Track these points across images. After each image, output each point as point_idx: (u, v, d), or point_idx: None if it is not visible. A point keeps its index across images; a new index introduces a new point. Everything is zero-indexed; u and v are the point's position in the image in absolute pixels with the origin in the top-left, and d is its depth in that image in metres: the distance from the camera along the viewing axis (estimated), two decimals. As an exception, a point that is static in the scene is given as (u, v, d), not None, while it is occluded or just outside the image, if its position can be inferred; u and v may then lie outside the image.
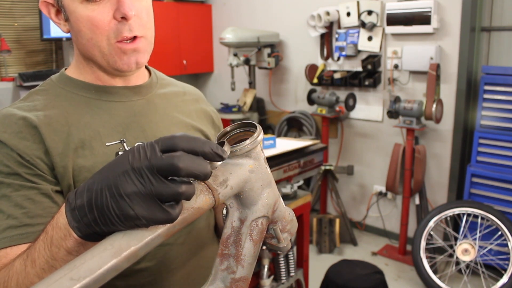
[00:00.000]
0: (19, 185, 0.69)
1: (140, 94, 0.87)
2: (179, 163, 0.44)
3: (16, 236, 0.66)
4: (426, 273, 2.83)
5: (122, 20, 0.74)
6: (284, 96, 4.17)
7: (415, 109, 2.96)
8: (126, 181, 0.45)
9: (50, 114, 0.76)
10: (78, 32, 0.76)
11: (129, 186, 0.45)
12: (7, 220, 0.67)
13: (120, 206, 0.45)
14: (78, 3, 0.73)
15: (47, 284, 0.41)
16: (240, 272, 0.56)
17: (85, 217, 0.48)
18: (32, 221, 0.68)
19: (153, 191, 0.44)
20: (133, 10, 0.74)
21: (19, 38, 4.06)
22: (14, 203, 0.68)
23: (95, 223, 0.47)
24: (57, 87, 0.82)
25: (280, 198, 0.61)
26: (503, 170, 2.82)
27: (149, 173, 0.44)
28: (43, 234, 0.55)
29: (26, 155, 0.71)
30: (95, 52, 0.77)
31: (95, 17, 0.73)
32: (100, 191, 0.46)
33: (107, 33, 0.75)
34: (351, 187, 3.83)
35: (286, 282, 2.19)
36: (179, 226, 0.48)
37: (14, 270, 0.58)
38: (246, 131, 0.57)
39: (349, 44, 3.48)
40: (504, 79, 2.77)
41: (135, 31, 0.76)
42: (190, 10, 4.47)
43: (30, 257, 0.56)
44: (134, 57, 0.78)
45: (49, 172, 0.73)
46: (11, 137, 0.71)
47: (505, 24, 2.95)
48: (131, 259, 0.45)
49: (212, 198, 0.50)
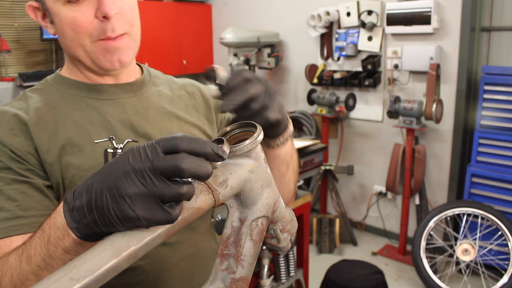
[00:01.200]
0: (11, 179, 0.70)
1: (131, 91, 0.87)
2: (182, 164, 0.44)
3: (8, 228, 0.67)
4: (426, 273, 2.84)
5: (104, 19, 0.74)
6: (284, 96, 4.17)
7: (415, 109, 2.96)
8: (127, 182, 0.45)
9: (39, 112, 0.77)
10: (62, 33, 0.77)
11: (130, 187, 0.44)
12: (0, 212, 0.68)
13: (120, 208, 0.45)
14: (60, 5, 0.74)
15: (47, 284, 0.41)
16: (240, 272, 0.56)
17: (84, 218, 0.47)
18: (25, 213, 0.69)
19: (155, 192, 0.44)
20: (114, 8, 0.74)
21: (19, 38, 4.07)
22: (6, 196, 0.69)
23: (95, 224, 0.47)
24: (51, 86, 0.84)
25: (280, 198, 0.61)
26: (503, 170, 2.82)
27: (152, 174, 0.44)
28: (40, 231, 0.55)
29: (18, 151, 0.72)
30: (79, 52, 0.78)
31: (77, 17, 0.74)
32: (100, 192, 0.46)
33: (90, 32, 0.75)
34: (351, 187, 3.83)
35: (286, 282, 2.19)
36: (179, 226, 0.48)
37: (9, 265, 0.58)
38: (246, 131, 0.57)
39: (349, 44, 3.48)
40: (504, 79, 2.77)
41: (118, 30, 0.76)
42: (190, 10, 4.47)
43: (25, 254, 0.56)
44: (117, 55, 0.78)
45: (40, 168, 0.74)
46: (4, 133, 0.73)
47: (505, 24, 2.95)
48: (131, 259, 0.45)
49: (212, 198, 0.50)
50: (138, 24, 0.82)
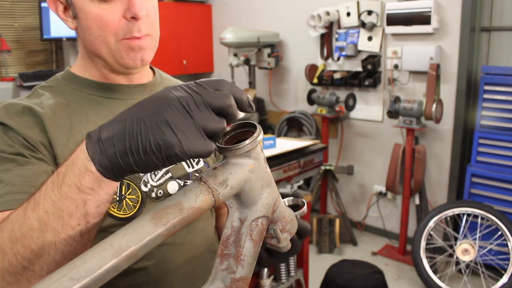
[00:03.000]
0: (23, 161, 0.69)
1: (143, 92, 0.88)
2: (231, 101, 0.47)
3: (12, 201, 0.64)
4: (426, 273, 2.84)
5: (132, 20, 0.75)
6: (284, 96, 4.17)
7: (415, 109, 2.96)
8: (172, 111, 0.44)
9: (53, 109, 0.77)
10: (87, 29, 0.77)
11: (175, 115, 0.44)
12: (6, 187, 0.66)
13: (162, 132, 0.43)
14: (88, 1, 0.75)
15: (47, 284, 0.41)
16: (240, 272, 0.56)
17: (110, 148, 0.45)
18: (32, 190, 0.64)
19: (201, 122, 0.45)
20: (144, 10, 0.75)
21: (19, 38, 4.07)
22: (15, 173, 0.67)
23: (123, 154, 0.45)
24: (62, 84, 0.84)
25: (280, 198, 0.61)
26: (503, 170, 2.82)
27: (199, 105, 0.45)
28: (54, 175, 0.51)
29: (31, 140, 0.72)
30: (102, 48, 0.78)
31: (105, 15, 0.75)
32: (137, 120, 0.44)
33: (116, 31, 0.76)
34: (351, 187, 3.83)
35: (286, 282, 2.19)
36: (179, 226, 0.48)
37: (9, 219, 0.53)
38: (246, 131, 0.57)
39: (349, 44, 3.48)
40: (504, 79, 2.77)
41: (143, 31, 0.77)
42: (190, 10, 4.47)
43: (32, 201, 0.52)
44: (140, 53, 0.79)
45: (51, 160, 0.74)
46: (18, 123, 0.73)
47: (505, 24, 2.95)
48: (131, 259, 0.45)
49: (212, 198, 0.50)
50: (158, 26, 0.84)
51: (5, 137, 0.71)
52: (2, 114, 0.74)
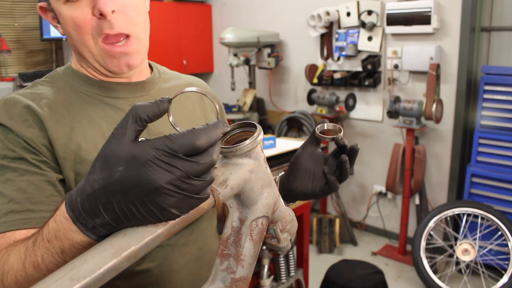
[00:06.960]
0: (24, 170, 0.69)
1: (143, 90, 0.87)
2: (213, 160, 0.45)
3: (17, 221, 0.66)
4: (426, 273, 2.83)
5: (101, 17, 0.73)
6: (284, 96, 4.17)
7: (415, 109, 2.96)
8: (165, 198, 0.43)
9: (53, 106, 0.76)
10: (67, 33, 0.77)
11: (170, 201, 0.43)
12: (9, 204, 0.66)
13: (164, 215, 0.44)
14: (61, 4, 0.73)
15: (47, 284, 0.40)
16: (240, 272, 0.56)
17: (112, 229, 0.46)
18: (35, 207, 0.68)
19: (192, 191, 0.44)
20: (110, 6, 0.71)
21: (19, 38, 4.07)
22: (17, 187, 0.68)
23: (121, 226, 0.46)
24: (62, 80, 0.83)
25: (280, 198, 0.61)
26: (503, 170, 2.82)
27: (187, 180, 0.43)
28: (44, 242, 0.52)
29: (32, 142, 0.71)
30: (85, 53, 0.77)
31: (76, 16, 0.73)
32: (129, 209, 0.44)
33: (91, 31, 0.74)
34: (351, 187, 3.83)
35: (286, 282, 2.19)
36: (179, 226, 0.48)
37: (10, 266, 0.57)
38: (246, 131, 0.57)
39: (349, 44, 3.48)
40: (504, 79, 2.77)
41: (117, 28, 0.74)
42: (190, 10, 4.47)
43: (30, 260, 0.54)
44: (125, 60, 0.77)
45: (53, 160, 0.73)
46: (17, 124, 0.72)
47: (505, 24, 2.95)
48: (131, 259, 0.45)
49: (212, 198, 0.50)
50: (144, 23, 0.80)
51: (6, 140, 0.71)
52: (2, 114, 0.73)
